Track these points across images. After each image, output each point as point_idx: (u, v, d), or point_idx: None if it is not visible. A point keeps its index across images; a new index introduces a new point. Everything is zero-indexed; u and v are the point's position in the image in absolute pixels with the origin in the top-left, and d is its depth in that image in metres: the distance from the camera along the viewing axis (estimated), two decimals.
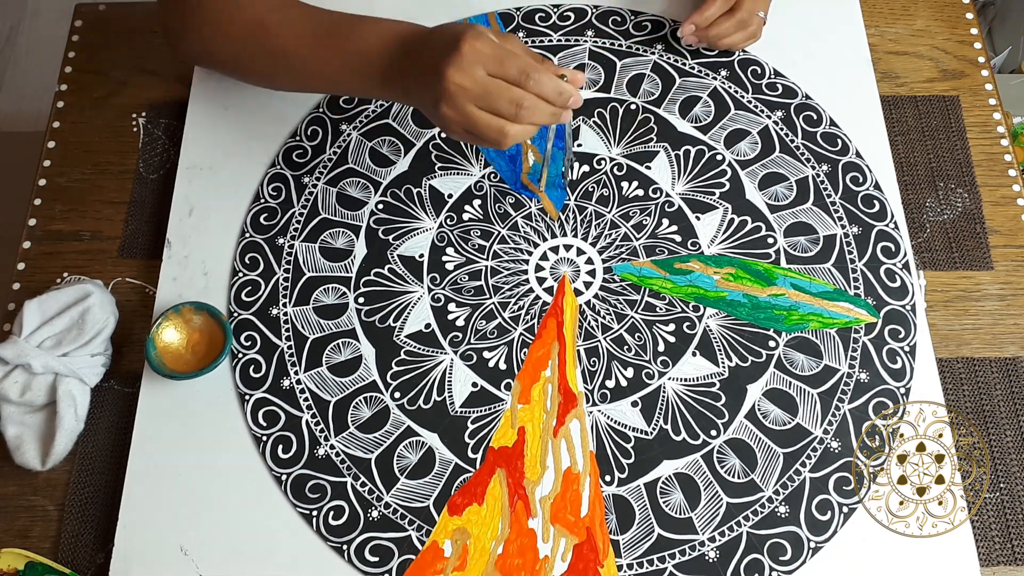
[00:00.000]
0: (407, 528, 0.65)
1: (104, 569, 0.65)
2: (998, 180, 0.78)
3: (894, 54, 0.84)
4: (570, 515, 0.65)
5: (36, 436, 0.67)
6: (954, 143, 0.80)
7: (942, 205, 0.77)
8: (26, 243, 0.77)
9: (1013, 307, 0.73)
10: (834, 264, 0.73)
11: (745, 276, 0.73)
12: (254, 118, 0.80)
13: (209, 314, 0.70)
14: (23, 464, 0.67)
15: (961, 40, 0.85)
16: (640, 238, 0.75)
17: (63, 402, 0.66)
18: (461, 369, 0.70)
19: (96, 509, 0.67)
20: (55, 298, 0.69)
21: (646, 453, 0.67)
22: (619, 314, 0.72)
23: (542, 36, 0.83)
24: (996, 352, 0.72)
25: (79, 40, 0.86)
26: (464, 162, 0.78)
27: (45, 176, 0.79)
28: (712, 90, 0.81)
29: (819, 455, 0.67)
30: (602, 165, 0.78)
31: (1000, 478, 0.67)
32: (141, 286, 0.74)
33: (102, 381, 0.70)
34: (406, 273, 0.74)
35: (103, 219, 0.77)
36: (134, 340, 0.72)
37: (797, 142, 0.78)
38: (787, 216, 0.75)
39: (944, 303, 0.74)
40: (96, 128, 0.81)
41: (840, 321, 0.71)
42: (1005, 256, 0.76)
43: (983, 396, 0.70)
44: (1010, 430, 0.69)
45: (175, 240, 0.75)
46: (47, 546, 0.66)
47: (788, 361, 0.70)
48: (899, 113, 0.81)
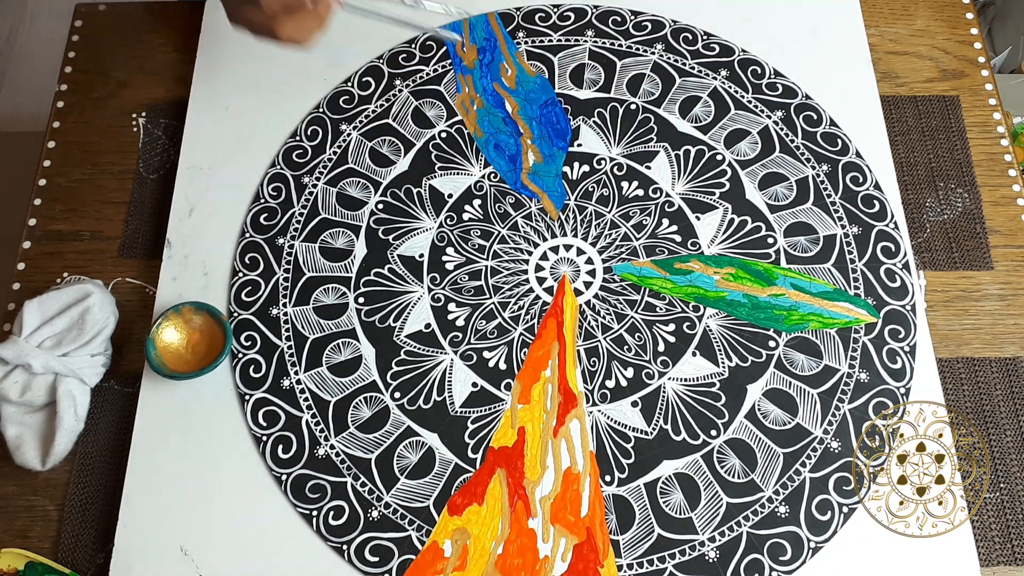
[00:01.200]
0: (407, 528, 0.65)
1: (104, 569, 0.65)
2: (998, 180, 0.78)
3: (894, 54, 0.84)
4: (570, 515, 0.65)
5: (36, 436, 0.67)
6: (954, 143, 0.80)
7: (942, 205, 0.77)
8: (26, 243, 0.77)
9: (1013, 307, 0.73)
10: (834, 264, 0.73)
11: (745, 276, 0.73)
12: (254, 118, 0.80)
13: (209, 314, 0.70)
14: (23, 464, 0.67)
15: (961, 40, 0.85)
16: (640, 238, 0.75)
17: (63, 402, 0.66)
18: (461, 369, 0.70)
19: (96, 509, 0.67)
20: (55, 298, 0.69)
21: (646, 453, 0.67)
22: (619, 314, 0.72)
23: (542, 36, 0.83)
24: (996, 352, 0.72)
25: (79, 40, 0.86)
26: (464, 162, 0.78)
27: (45, 176, 0.80)
28: (712, 90, 0.81)
29: (819, 455, 0.67)
30: (602, 165, 0.78)
31: (1000, 478, 0.67)
32: (141, 286, 0.74)
33: (102, 381, 0.70)
34: (406, 273, 0.74)
35: (103, 219, 0.77)
36: (134, 340, 0.72)
37: (797, 142, 0.78)
38: (787, 216, 0.75)
39: (944, 303, 0.74)
40: (96, 128, 0.81)
41: (840, 321, 0.71)
42: (1005, 256, 0.76)
43: (983, 396, 0.70)
44: (1010, 430, 0.69)
45: (175, 240, 0.75)
46: (47, 546, 0.66)
47: (788, 361, 0.70)
48: (899, 113, 0.81)
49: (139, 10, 0.87)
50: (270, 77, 0.82)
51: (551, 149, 0.78)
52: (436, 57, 0.82)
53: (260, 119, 0.80)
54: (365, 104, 0.80)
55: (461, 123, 0.80)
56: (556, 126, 0.79)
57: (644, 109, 0.80)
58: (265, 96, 0.80)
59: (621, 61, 0.82)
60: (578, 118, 0.80)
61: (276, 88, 0.81)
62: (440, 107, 0.80)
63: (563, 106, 0.80)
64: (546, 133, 0.79)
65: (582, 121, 0.80)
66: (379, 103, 0.81)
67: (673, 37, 0.83)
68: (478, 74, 0.82)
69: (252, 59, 0.82)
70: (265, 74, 0.82)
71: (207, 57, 0.83)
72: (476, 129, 0.79)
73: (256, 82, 0.81)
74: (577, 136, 0.79)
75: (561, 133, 0.79)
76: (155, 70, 0.84)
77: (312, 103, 0.80)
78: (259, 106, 0.80)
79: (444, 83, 0.81)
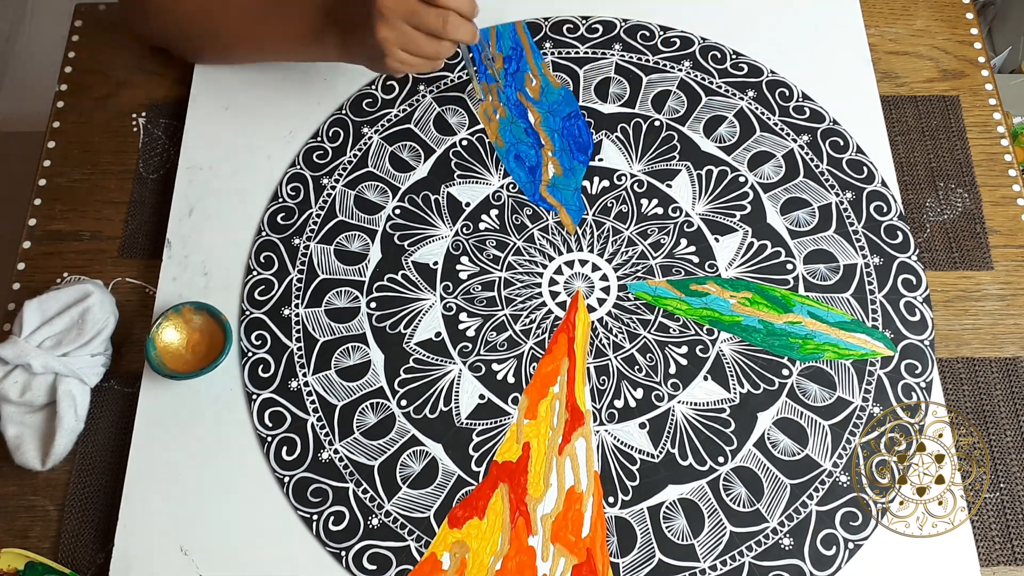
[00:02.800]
0: (406, 538, 0.65)
1: (104, 569, 0.65)
2: (998, 180, 0.78)
3: (894, 54, 0.84)
4: (571, 535, 0.65)
5: (36, 436, 0.67)
6: (954, 143, 0.79)
7: (942, 205, 0.77)
8: (26, 243, 0.77)
9: (1013, 307, 0.73)
10: (853, 294, 0.72)
11: (762, 301, 0.72)
12: (254, 118, 0.80)
13: (209, 314, 0.70)
14: (23, 464, 0.67)
15: (961, 40, 0.84)
16: (657, 257, 0.74)
17: (63, 402, 0.66)
18: (469, 380, 0.70)
19: (96, 509, 0.67)
20: (55, 298, 0.69)
21: (651, 476, 0.66)
22: (631, 333, 0.71)
23: (569, 48, 0.83)
24: (996, 352, 0.71)
25: (79, 40, 0.86)
26: (484, 171, 0.78)
27: (45, 176, 0.80)
28: (738, 110, 0.80)
29: (827, 488, 0.66)
30: (622, 181, 0.77)
31: (1000, 478, 0.67)
32: (141, 286, 0.75)
33: (102, 381, 0.70)
34: (419, 280, 0.73)
35: (103, 219, 0.77)
36: (134, 340, 0.72)
37: (822, 167, 0.77)
38: (808, 242, 0.74)
39: (944, 303, 0.73)
40: (96, 128, 0.81)
41: (856, 353, 0.70)
42: (1005, 256, 0.75)
43: (983, 396, 0.70)
44: (1010, 430, 0.69)
45: (175, 240, 0.75)
46: (47, 546, 0.66)
47: (801, 391, 0.69)
48: (899, 113, 0.80)
49: None
50: (270, 77, 0.81)
51: (572, 162, 0.78)
52: (461, 64, 0.82)
53: (260, 119, 0.80)
54: (388, 108, 0.80)
55: (483, 131, 0.79)
56: (578, 139, 0.79)
57: (668, 126, 0.79)
58: (266, 96, 0.80)
59: (647, 77, 0.81)
60: (601, 132, 0.79)
61: (276, 88, 0.81)
62: (463, 114, 0.80)
63: (586, 119, 0.79)
64: (568, 146, 0.79)
65: (604, 135, 0.79)
66: (402, 107, 0.80)
67: (702, 55, 0.82)
68: (502, 83, 0.81)
69: None
70: (265, 74, 0.82)
71: None
72: (497, 138, 0.79)
73: (256, 82, 0.81)
74: (599, 150, 0.78)
75: (583, 147, 0.78)
76: (155, 70, 0.84)
77: (312, 104, 0.80)
78: (259, 106, 0.80)
79: (468, 90, 0.81)
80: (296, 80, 0.81)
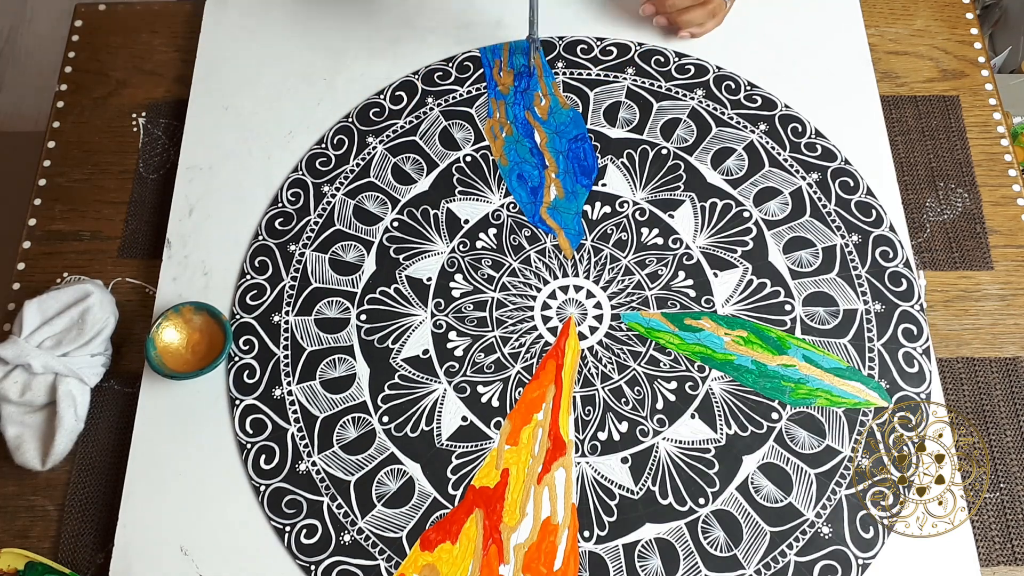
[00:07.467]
0: (377, 557, 0.64)
1: (104, 569, 0.65)
2: (998, 180, 0.77)
3: (894, 54, 0.83)
4: (543, 567, 0.64)
5: (36, 436, 0.67)
6: (954, 143, 0.79)
7: (942, 205, 0.76)
8: (26, 243, 0.77)
9: (1013, 307, 0.73)
10: (851, 340, 0.71)
11: (756, 341, 0.71)
12: (254, 118, 0.79)
13: (209, 314, 0.70)
14: (23, 464, 0.67)
15: (961, 40, 0.83)
16: (653, 288, 0.73)
17: (63, 402, 0.66)
18: (453, 401, 0.69)
19: (96, 509, 0.67)
20: (55, 298, 0.69)
21: (629, 513, 0.65)
22: (621, 364, 0.70)
23: (582, 68, 0.82)
24: (996, 352, 0.71)
25: (79, 40, 0.86)
26: (485, 189, 0.77)
27: (45, 176, 0.80)
28: (748, 143, 0.78)
29: (808, 539, 0.64)
30: (624, 208, 0.76)
31: (1000, 478, 0.67)
32: (141, 286, 0.75)
33: (102, 381, 0.70)
34: (411, 295, 0.73)
35: (103, 219, 0.78)
36: (134, 340, 0.72)
37: (830, 208, 0.76)
38: (808, 284, 0.73)
39: (944, 303, 0.73)
40: (96, 128, 0.81)
41: (849, 401, 0.68)
42: (1005, 256, 0.74)
43: (983, 396, 0.69)
44: (1010, 430, 0.68)
45: (175, 240, 0.75)
46: (47, 546, 0.66)
47: (789, 436, 0.68)
48: (899, 113, 0.80)
49: (139, 10, 0.87)
50: (270, 77, 0.81)
51: (575, 186, 0.77)
52: (471, 79, 0.81)
53: (260, 119, 0.79)
54: (394, 119, 0.80)
55: (487, 149, 0.79)
56: (583, 162, 0.78)
57: (675, 155, 0.78)
58: (265, 96, 0.80)
59: (658, 103, 0.80)
60: (606, 157, 0.78)
61: (276, 88, 0.81)
62: (468, 130, 0.79)
63: (592, 143, 0.78)
64: (572, 169, 0.78)
65: (610, 161, 0.78)
66: (408, 119, 0.80)
67: (716, 84, 0.81)
68: (511, 100, 0.80)
69: (252, 59, 0.82)
70: (265, 74, 0.81)
71: (207, 57, 0.83)
72: (502, 156, 0.78)
73: (256, 82, 0.81)
74: (603, 175, 0.77)
75: (587, 170, 0.77)
76: (155, 70, 0.84)
77: (312, 104, 0.80)
78: (259, 106, 0.80)
79: (476, 106, 0.80)
80: (296, 80, 0.81)
